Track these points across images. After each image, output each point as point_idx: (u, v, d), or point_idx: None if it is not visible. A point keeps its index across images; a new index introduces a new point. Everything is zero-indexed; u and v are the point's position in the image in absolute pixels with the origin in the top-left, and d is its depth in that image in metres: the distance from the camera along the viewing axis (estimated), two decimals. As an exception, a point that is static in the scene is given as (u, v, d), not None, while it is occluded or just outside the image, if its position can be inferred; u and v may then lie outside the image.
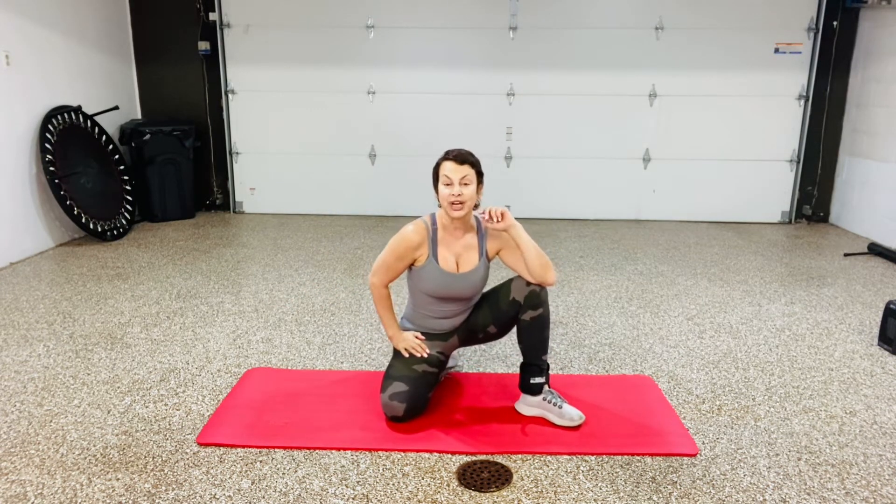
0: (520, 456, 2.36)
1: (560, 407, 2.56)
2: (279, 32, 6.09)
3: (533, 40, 6.03)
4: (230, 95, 6.28)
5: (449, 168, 2.48)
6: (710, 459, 2.36)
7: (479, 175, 2.54)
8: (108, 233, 5.30)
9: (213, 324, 3.60)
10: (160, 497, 2.12)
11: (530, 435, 2.49)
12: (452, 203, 2.48)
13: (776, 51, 5.98)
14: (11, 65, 4.70)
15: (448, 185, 2.48)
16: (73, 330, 3.49)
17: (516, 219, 2.54)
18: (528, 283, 2.54)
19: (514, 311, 2.57)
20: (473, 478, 2.23)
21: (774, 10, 5.89)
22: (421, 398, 2.56)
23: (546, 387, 2.61)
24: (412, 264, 2.63)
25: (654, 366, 3.14)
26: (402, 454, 2.37)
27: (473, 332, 2.70)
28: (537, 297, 2.53)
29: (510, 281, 2.60)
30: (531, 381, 2.58)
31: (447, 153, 2.52)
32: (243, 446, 2.40)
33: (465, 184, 2.48)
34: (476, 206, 2.60)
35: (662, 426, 2.56)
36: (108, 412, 2.65)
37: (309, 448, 2.40)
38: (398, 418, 2.53)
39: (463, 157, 2.48)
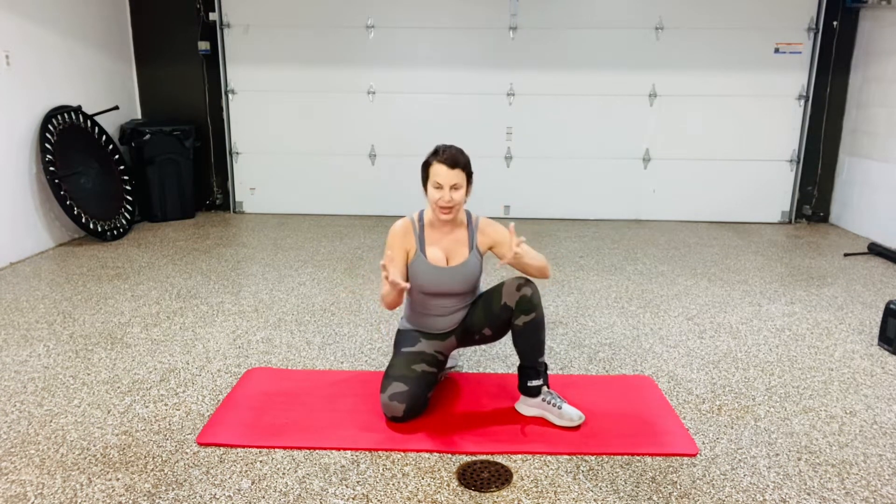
0: (520, 456, 2.36)
1: (559, 407, 2.56)
2: (279, 32, 6.09)
3: (533, 40, 6.03)
4: (230, 95, 6.28)
5: (440, 173, 2.45)
6: (710, 459, 2.36)
7: (469, 176, 2.54)
8: (108, 233, 5.30)
9: (213, 324, 3.60)
10: (160, 497, 2.12)
11: (530, 435, 2.49)
12: (442, 208, 2.49)
13: (776, 51, 5.98)
14: (11, 65, 4.70)
15: (438, 188, 2.47)
16: (73, 330, 3.49)
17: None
18: (519, 288, 2.51)
19: (506, 316, 2.56)
20: (473, 478, 2.23)
21: (774, 10, 5.89)
22: (420, 398, 2.56)
23: (545, 388, 2.60)
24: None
25: (654, 366, 3.14)
26: (402, 454, 2.37)
27: (470, 333, 2.70)
28: (528, 301, 2.50)
29: (501, 285, 2.58)
30: (528, 384, 2.58)
31: (437, 152, 2.49)
32: (243, 446, 2.40)
33: (456, 188, 2.48)
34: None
35: (662, 426, 2.56)
36: (108, 412, 2.65)
37: (309, 448, 2.40)
38: (398, 418, 2.53)
39: (454, 161, 2.45)
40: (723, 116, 6.13)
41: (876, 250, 5.13)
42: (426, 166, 2.52)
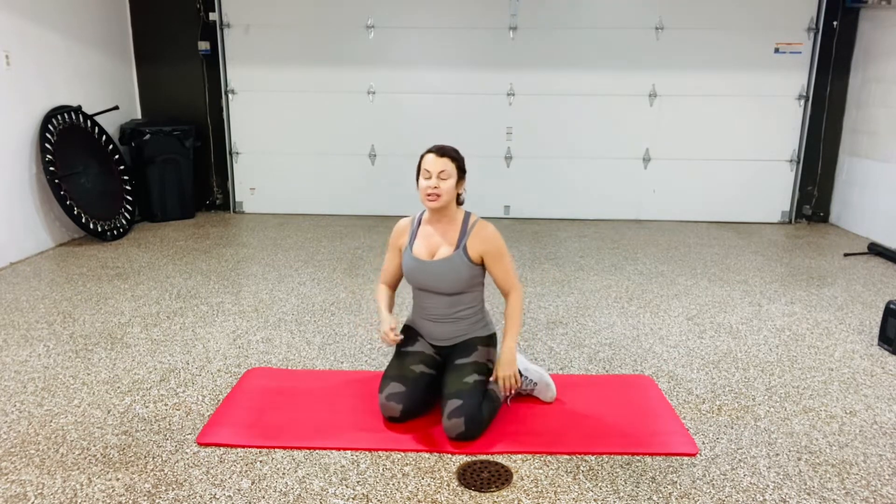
0: (520, 456, 2.36)
1: (532, 389, 2.70)
2: (279, 32, 6.10)
3: (533, 40, 6.03)
4: (230, 95, 6.28)
5: (429, 161, 2.51)
6: (710, 459, 2.36)
7: (461, 171, 2.56)
8: (108, 233, 5.30)
9: (213, 324, 3.60)
10: (160, 497, 2.12)
11: (530, 435, 2.49)
12: (429, 195, 2.51)
13: (776, 51, 5.98)
14: (11, 65, 4.70)
15: (427, 178, 2.52)
16: (73, 330, 3.49)
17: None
18: (457, 433, 2.40)
19: None
20: (473, 478, 2.23)
21: (774, 10, 5.89)
22: (418, 399, 2.55)
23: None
24: None
25: (654, 366, 3.14)
26: (402, 454, 2.37)
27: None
28: (462, 439, 2.43)
29: (444, 414, 2.44)
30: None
31: (431, 147, 2.57)
32: (243, 446, 2.40)
33: (443, 178, 2.50)
34: (461, 202, 2.64)
35: (662, 426, 2.56)
36: (108, 412, 2.65)
37: (309, 448, 2.40)
38: (395, 419, 2.53)
39: (443, 151, 2.52)
40: (723, 116, 6.13)
41: (876, 250, 5.13)
42: (420, 161, 2.58)
